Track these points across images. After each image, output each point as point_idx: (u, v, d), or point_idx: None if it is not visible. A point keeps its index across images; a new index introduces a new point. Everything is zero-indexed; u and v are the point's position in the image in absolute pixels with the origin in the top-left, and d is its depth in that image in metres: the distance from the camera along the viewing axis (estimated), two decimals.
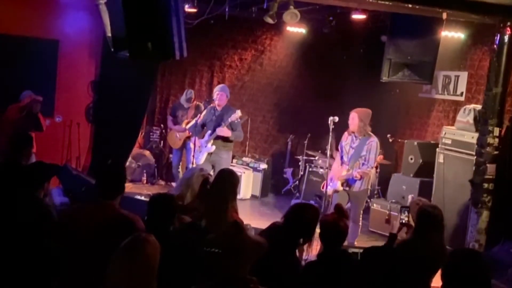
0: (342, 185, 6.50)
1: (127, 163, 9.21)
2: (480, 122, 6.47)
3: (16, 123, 7.16)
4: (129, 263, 2.60)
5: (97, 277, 2.99)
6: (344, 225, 3.65)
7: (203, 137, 7.57)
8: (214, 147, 7.41)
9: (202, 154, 7.46)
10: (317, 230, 3.73)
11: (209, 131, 7.48)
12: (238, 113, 7.32)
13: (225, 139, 7.41)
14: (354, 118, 6.46)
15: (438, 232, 4.08)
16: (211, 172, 7.84)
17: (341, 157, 6.64)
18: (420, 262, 3.79)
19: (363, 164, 6.44)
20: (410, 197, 7.57)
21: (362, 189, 6.53)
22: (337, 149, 6.83)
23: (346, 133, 6.62)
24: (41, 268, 3.37)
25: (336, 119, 6.81)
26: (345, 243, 6.27)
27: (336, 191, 6.55)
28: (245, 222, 4.35)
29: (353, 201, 6.58)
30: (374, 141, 6.46)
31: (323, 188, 7.09)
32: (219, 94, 7.48)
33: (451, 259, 2.89)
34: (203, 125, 7.65)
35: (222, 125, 7.29)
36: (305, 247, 3.84)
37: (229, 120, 7.27)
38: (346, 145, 6.57)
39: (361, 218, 6.64)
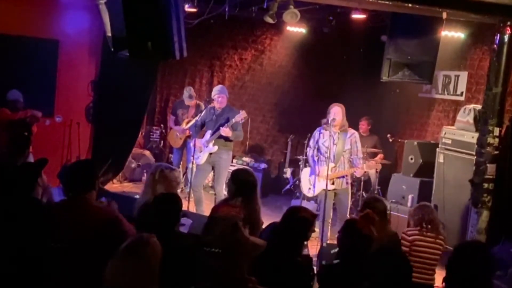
0: (333, 183, 6.47)
1: (127, 163, 9.22)
2: (480, 122, 6.46)
3: (6, 125, 7.13)
4: (131, 264, 2.61)
5: (82, 274, 3.03)
6: (369, 231, 3.65)
7: (202, 137, 7.54)
8: (216, 147, 7.33)
9: (203, 154, 7.40)
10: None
11: (210, 131, 7.42)
12: (243, 113, 7.25)
13: (226, 139, 7.38)
14: (339, 112, 6.44)
15: (380, 222, 4.23)
16: (211, 173, 7.85)
17: (319, 156, 6.57)
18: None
19: (353, 158, 6.46)
20: (410, 197, 7.57)
21: (348, 185, 6.59)
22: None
23: (321, 129, 6.57)
24: (38, 268, 3.37)
25: (336, 119, 6.80)
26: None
27: (325, 190, 6.47)
28: None
29: (341, 198, 6.57)
30: (355, 133, 6.60)
31: (302, 189, 7.08)
32: (220, 97, 7.39)
33: (458, 251, 2.92)
34: (202, 125, 7.62)
35: (226, 126, 7.22)
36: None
37: (233, 120, 7.21)
38: (325, 142, 6.50)
39: (348, 216, 6.65)
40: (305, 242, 3.90)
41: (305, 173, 7.02)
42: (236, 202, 4.38)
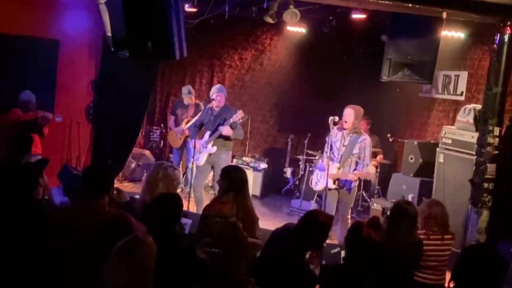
0: (334, 183, 6.48)
1: (127, 163, 9.22)
2: (480, 122, 6.46)
3: (17, 125, 7.13)
4: (125, 264, 2.60)
5: (89, 277, 3.02)
6: (374, 237, 3.66)
7: (201, 137, 7.54)
8: (215, 148, 7.33)
9: (203, 155, 7.40)
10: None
11: (209, 132, 7.42)
12: (240, 113, 7.25)
13: (225, 139, 7.38)
14: (351, 114, 6.45)
15: (409, 227, 4.28)
16: (211, 173, 7.85)
17: (332, 154, 6.59)
18: (390, 255, 3.81)
19: (357, 163, 6.44)
20: (410, 197, 7.57)
21: (353, 187, 6.56)
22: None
23: (335, 129, 6.57)
24: (37, 269, 3.37)
25: (336, 118, 6.78)
26: (336, 242, 6.30)
27: (329, 189, 6.49)
28: None
29: (343, 199, 6.55)
30: (367, 139, 6.53)
31: (311, 183, 7.11)
32: (219, 96, 7.41)
33: (466, 254, 2.91)
34: (201, 126, 7.62)
35: (224, 125, 7.22)
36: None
37: (231, 120, 7.22)
38: (336, 142, 6.53)
39: (349, 217, 6.64)
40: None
41: (317, 167, 7.06)
42: (227, 198, 4.39)
